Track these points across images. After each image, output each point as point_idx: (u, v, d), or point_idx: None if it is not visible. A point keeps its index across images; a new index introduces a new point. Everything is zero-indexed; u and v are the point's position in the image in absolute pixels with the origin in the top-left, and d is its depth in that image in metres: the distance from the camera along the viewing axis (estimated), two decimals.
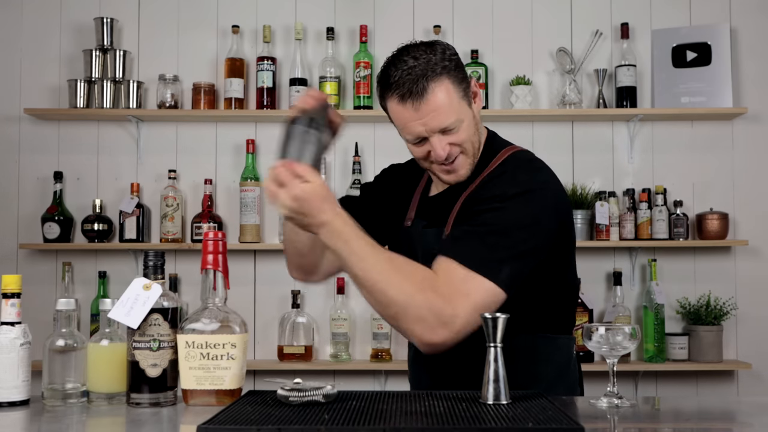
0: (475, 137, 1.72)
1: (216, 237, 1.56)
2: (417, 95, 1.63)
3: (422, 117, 1.64)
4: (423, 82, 1.63)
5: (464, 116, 1.68)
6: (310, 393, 1.37)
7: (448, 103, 1.64)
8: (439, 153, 1.66)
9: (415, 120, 1.65)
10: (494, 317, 1.39)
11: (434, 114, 1.64)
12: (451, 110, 1.65)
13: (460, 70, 1.69)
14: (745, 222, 3.54)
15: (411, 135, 1.68)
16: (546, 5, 3.61)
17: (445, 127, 1.65)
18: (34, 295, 3.36)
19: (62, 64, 3.58)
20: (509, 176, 1.68)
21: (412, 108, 1.64)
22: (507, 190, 1.64)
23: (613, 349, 1.48)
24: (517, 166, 1.72)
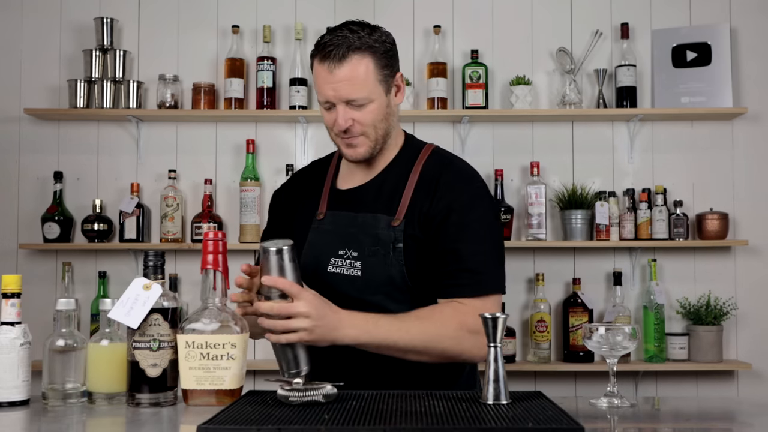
0: (381, 124, 1.79)
1: (216, 237, 1.56)
2: (335, 59, 1.73)
3: (334, 82, 1.73)
4: (345, 50, 1.73)
5: (375, 97, 1.76)
6: (310, 393, 1.37)
7: (363, 78, 1.74)
8: (340, 122, 1.75)
9: (328, 83, 1.74)
10: (494, 317, 1.40)
11: (345, 83, 1.73)
12: (362, 86, 1.74)
13: (389, 58, 1.79)
14: (745, 222, 3.54)
15: (322, 97, 1.77)
16: (546, 5, 3.61)
17: (352, 99, 1.74)
18: (34, 295, 3.36)
19: (62, 64, 3.58)
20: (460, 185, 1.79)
21: (328, 70, 1.74)
22: (473, 208, 1.77)
23: (613, 349, 1.48)
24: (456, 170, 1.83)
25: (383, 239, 1.76)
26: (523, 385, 3.39)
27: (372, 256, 1.76)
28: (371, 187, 1.85)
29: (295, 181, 2.01)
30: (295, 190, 1.97)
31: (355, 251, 1.78)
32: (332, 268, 1.79)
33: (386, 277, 1.75)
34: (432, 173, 1.81)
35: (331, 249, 1.80)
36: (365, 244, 1.77)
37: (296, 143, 3.57)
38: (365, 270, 1.76)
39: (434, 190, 1.78)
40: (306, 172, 2.02)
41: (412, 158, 1.85)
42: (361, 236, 1.78)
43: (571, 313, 3.41)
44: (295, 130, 3.58)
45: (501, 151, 3.56)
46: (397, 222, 1.77)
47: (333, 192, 1.89)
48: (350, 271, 1.78)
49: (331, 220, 1.84)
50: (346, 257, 1.78)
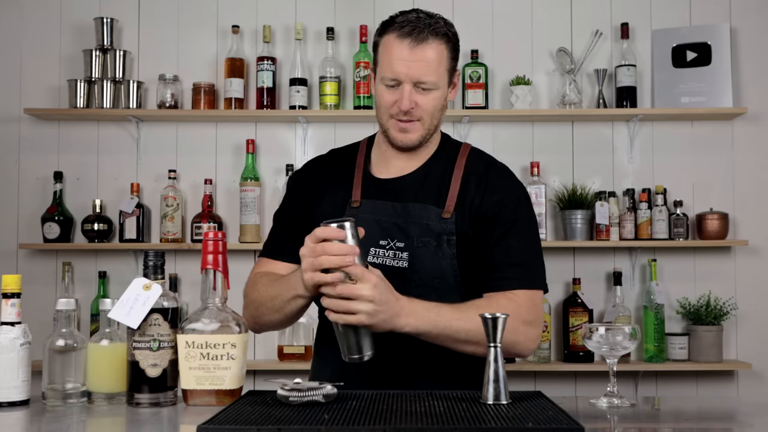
0: (437, 114, 1.78)
1: (216, 237, 1.56)
2: (418, 39, 1.71)
3: (410, 60, 1.71)
4: (428, 32, 1.72)
5: (441, 86, 1.76)
6: (310, 393, 1.37)
7: (437, 63, 1.73)
8: (404, 102, 1.72)
9: (403, 59, 1.71)
10: (494, 317, 1.40)
11: (422, 63, 1.71)
12: (436, 71, 1.73)
13: (456, 52, 1.79)
14: (745, 222, 3.54)
15: (391, 73, 1.73)
16: (546, 5, 3.61)
17: (424, 81, 1.72)
18: (34, 295, 3.36)
19: (62, 64, 3.58)
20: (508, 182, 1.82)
21: (408, 47, 1.71)
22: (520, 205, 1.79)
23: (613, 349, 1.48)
24: (501, 168, 1.85)
25: (435, 231, 1.73)
26: (523, 385, 3.39)
27: (423, 247, 1.73)
28: (415, 178, 1.81)
29: (314, 167, 1.94)
30: (317, 176, 1.90)
31: (401, 242, 1.74)
32: (373, 258, 1.74)
33: (437, 270, 1.73)
34: (478, 169, 1.81)
35: (371, 238, 1.73)
36: (414, 235, 1.73)
37: (296, 143, 3.57)
38: (414, 261, 1.72)
39: (485, 186, 1.78)
40: (326, 159, 1.95)
41: (452, 153, 1.85)
42: (410, 227, 1.74)
43: (571, 313, 3.41)
44: (295, 130, 3.58)
45: (501, 151, 3.55)
46: (447, 215, 1.74)
47: (368, 180, 1.83)
48: (395, 262, 1.73)
49: (370, 209, 1.78)
50: (390, 247, 1.74)
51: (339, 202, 1.82)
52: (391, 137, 1.79)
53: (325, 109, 3.47)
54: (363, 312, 1.52)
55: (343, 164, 1.89)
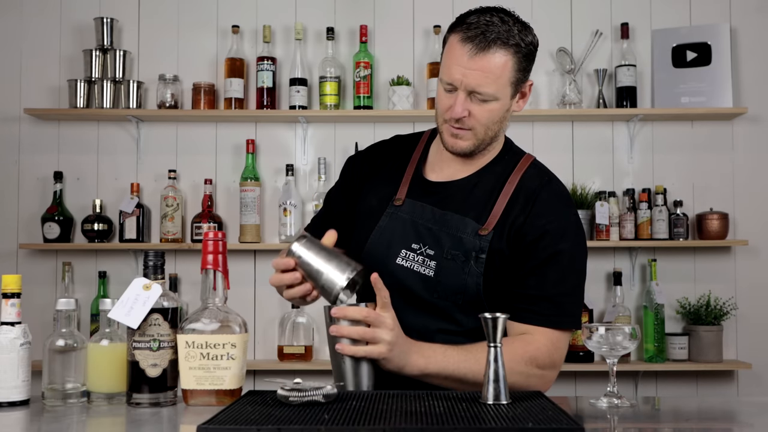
0: (494, 126, 1.68)
1: (216, 237, 1.56)
2: (479, 46, 1.60)
3: (468, 67, 1.61)
4: (492, 40, 1.61)
5: (502, 97, 1.65)
6: (310, 393, 1.37)
7: (498, 75, 1.62)
8: (456, 109, 1.63)
9: (461, 65, 1.62)
10: (494, 317, 1.39)
11: (480, 73, 1.61)
12: (495, 82, 1.62)
13: (528, 62, 1.67)
14: (745, 222, 3.54)
15: (448, 77, 1.64)
16: (546, 5, 3.61)
17: (479, 92, 1.62)
18: (34, 295, 3.36)
19: (62, 64, 3.58)
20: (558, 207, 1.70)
21: (467, 54, 1.61)
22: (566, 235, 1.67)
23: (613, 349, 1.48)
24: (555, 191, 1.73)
25: (467, 246, 1.66)
26: None
27: (451, 259, 1.66)
28: (463, 186, 1.73)
29: (375, 154, 1.87)
30: (371, 165, 1.84)
31: (432, 249, 1.68)
32: (402, 260, 1.69)
33: (460, 285, 1.65)
34: (530, 187, 1.70)
35: (404, 240, 1.69)
36: (445, 245, 1.67)
37: (296, 143, 3.57)
38: (440, 272, 1.66)
39: (531, 206, 1.67)
40: (388, 147, 1.87)
41: (510, 165, 1.75)
42: (444, 236, 1.68)
43: None
44: (295, 130, 3.58)
45: None
46: (485, 231, 1.66)
47: (417, 179, 1.77)
48: (422, 268, 1.67)
49: (410, 210, 1.72)
50: (420, 253, 1.68)
51: (384, 197, 1.77)
52: (443, 141, 1.71)
53: (325, 109, 3.47)
54: (385, 341, 1.51)
55: (399, 156, 1.82)
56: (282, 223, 3.43)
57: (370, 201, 1.78)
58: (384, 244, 1.71)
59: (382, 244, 1.71)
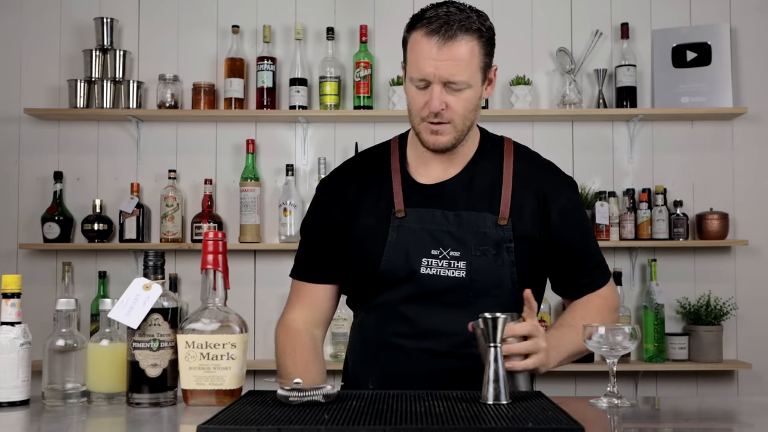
0: (470, 114, 1.69)
1: (216, 237, 1.56)
2: (446, 36, 1.61)
3: (439, 59, 1.62)
4: (457, 29, 1.62)
5: (474, 84, 1.66)
6: (310, 393, 1.37)
7: (468, 61, 1.63)
8: (434, 103, 1.63)
9: (431, 58, 1.62)
10: (494, 317, 1.39)
11: (451, 62, 1.62)
12: (467, 69, 1.63)
13: (491, 46, 1.69)
14: (745, 222, 3.54)
15: (419, 74, 1.64)
16: (546, 5, 3.61)
17: (453, 81, 1.63)
18: (34, 295, 3.36)
19: (62, 64, 3.58)
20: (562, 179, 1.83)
21: (435, 45, 1.62)
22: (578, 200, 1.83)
23: (613, 349, 1.48)
24: (549, 167, 1.85)
25: (494, 238, 1.68)
26: None
27: (482, 255, 1.67)
28: (460, 183, 1.74)
29: (345, 176, 1.83)
30: (350, 186, 1.79)
31: (456, 250, 1.67)
32: (426, 269, 1.67)
33: (496, 279, 1.68)
34: (528, 170, 1.77)
35: (422, 248, 1.68)
36: (471, 243, 1.67)
37: (296, 143, 3.57)
38: (472, 271, 1.67)
39: (544, 192, 1.74)
40: (356, 164, 1.85)
41: (496, 152, 1.79)
42: (467, 234, 1.68)
43: None
44: (295, 130, 3.58)
45: None
46: (504, 221, 1.69)
47: (409, 186, 1.75)
48: (451, 271, 1.67)
49: (418, 218, 1.71)
50: (443, 257, 1.68)
51: (381, 212, 1.74)
52: (422, 140, 1.71)
53: (325, 109, 3.47)
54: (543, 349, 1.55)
55: (376, 169, 1.79)
56: (282, 223, 3.43)
57: (366, 222, 1.75)
58: (401, 258, 1.69)
59: (399, 259, 1.69)
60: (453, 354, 1.66)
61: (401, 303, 1.69)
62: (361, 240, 1.74)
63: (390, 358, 1.70)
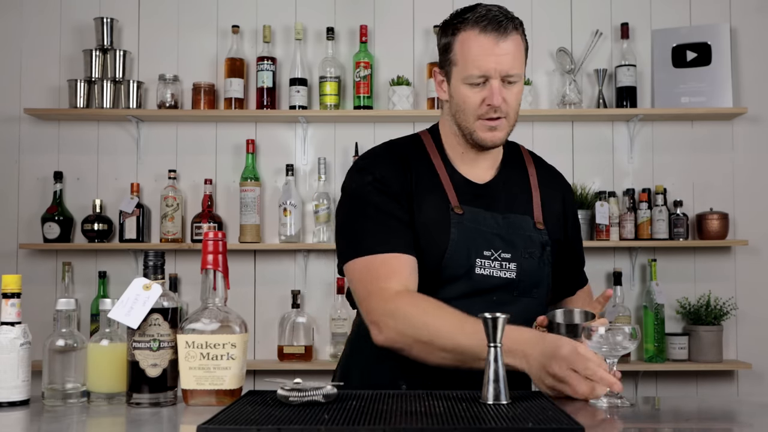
0: (518, 109, 1.76)
1: (216, 237, 1.56)
2: (502, 30, 1.67)
3: (499, 54, 1.67)
4: (509, 24, 1.69)
5: (522, 78, 1.74)
6: (310, 393, 1.37)
7: (520, 54, 1.72)
8: (497, 98, 1.67)
9: (490, 54, 1.66)
10: (494, 317, 1.39)
11: (509, 56, 1.68)
12: (520, 62, 1.71)
13: (526, 47, 1.77)
14: (745, 222, 3.54)
15: (479, 70, 1.67)
16: (546, 5, 3.61)
17: (512, 74, 1.69)
18: (34, 295, 3.36)
19: (62, 64, 3.58)
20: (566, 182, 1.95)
21: (493, 41, 1.67)
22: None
23: (613, 349, 1.48)
24: (554, 170, 1.95)
25: (537, 242, 1.76)
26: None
27: (529, 257, 1.73)
28: (500, 185, 1.80)
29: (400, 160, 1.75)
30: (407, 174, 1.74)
31: (507, 252, 1.71)
32: (480, 269, 1.69)
33: (538, 280, 1.75)
34: (545, 174, 1.87)
35: (477, 249, 1.70)
36: (519, 246, 1.73)
37: (296, 143, 3.57)
38: (521, 272, 1.72)
39: (560, 193, 1.87)
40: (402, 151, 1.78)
41: (517, 157, 1.88)
42: (515, 237, 1.73)
43: None
44: (295, 130, 3.58)
45: None
46: (541, 225, 1.78)
47: (460, 183, 1.75)
48: (503, 272, 1.71)
49: (473, 218, 1.72)
50: (494, 258, 1.70)
51: (439, 206, 1.72)
52: (479, 139, 1.72)
53: (325, 109, 3.47)
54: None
55: (423, 161, 1.76)
56: (282, 223, 3.43)
57: (430, 213, 1.71)
58: (463, 256, 1.69)
59: (461, 257, 1.69)
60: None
61: (455, 300, 1.64)
62: (426, 232, 1.70)
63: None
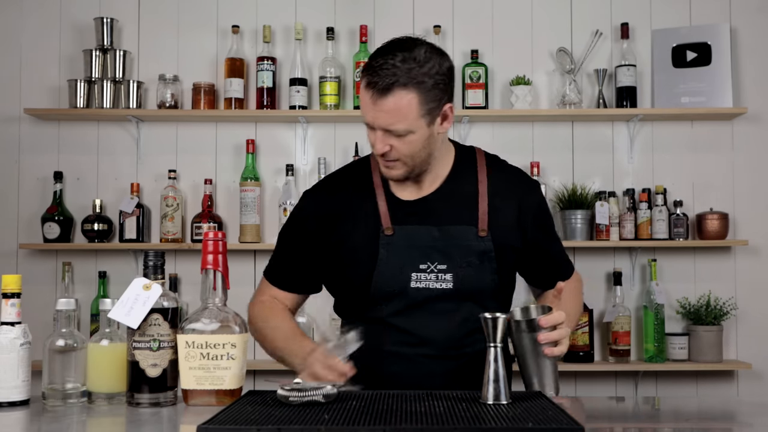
0: (422, 153, 1.75)
1: (216, 237, 1.56)
2: (380, 90, 1.67)
3: (375, 111, 1.70)
4: (391, 83, 1.67)
5: (417, 130, 1.71)
6: (310, 393, 1.37)
7: (405, 113, 1.68)
8: (377, 146, 1.73)
9: (369, 109, 1.71)
10: (494, 317, 1.40)
11: (386, 114, 1.69)
12: (403, 119, 1.69)
13: (438, 91, 1.71)
14: (745, 222, 3.54)
15: (364, 119, 1.74)
16: (546, 5, 3.61)
17: (391, 130, 1.70)
18: (34, 295, 3.36)
19: (62, 64, 3.58)
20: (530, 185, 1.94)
21: (371, 98, 1.69)
22: (544, 201, 1.96)
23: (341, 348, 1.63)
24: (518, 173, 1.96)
25: (476, 250, 1.78)
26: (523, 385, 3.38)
27: (467, 267, 1.77)
28: (440, 197, 1.83)
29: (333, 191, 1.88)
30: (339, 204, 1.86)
31: (442, 264, 1.77)
32: (416, 283, 1.77)
33: (479, 288, 1.79)
34: (501, 181, 1.87)
35: (411, 264, 1.77)
36: (456, 256, 1.77)
37: (296, 143, 3.57)
38: (458, 281, 1.77)
39: (518, 200, 1.86)
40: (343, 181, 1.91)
41: (471, 164, 1.87)
42: (452, 248, 1.78)
43: None
44: (295, 130, 3.58)
45: (501, 151, 3.49)
46: (483, 233, 1.79)
47: (394, 203, 1.83)
48: (440, 284, 1.77)
49: (404, 235, 1.79)
50: (430, 270, 1.77)
51: (369, 230, 1.80)
52: (381, 172, 1.81)
53: (325, 109, 3.47)
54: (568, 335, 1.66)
55: (360, 186, 1.86)
56: (282, 223, 3.43)
57: (355, 239, 1.81)
58: (394, 274, 1.77)
59: (391, 275, 1.77)
60: (447, 356, 1.77)
61: (394, 316, 1.78)
62: (352, 259, 1.82)
63: (392, 366, 1.78)
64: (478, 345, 1.68)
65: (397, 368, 1.77)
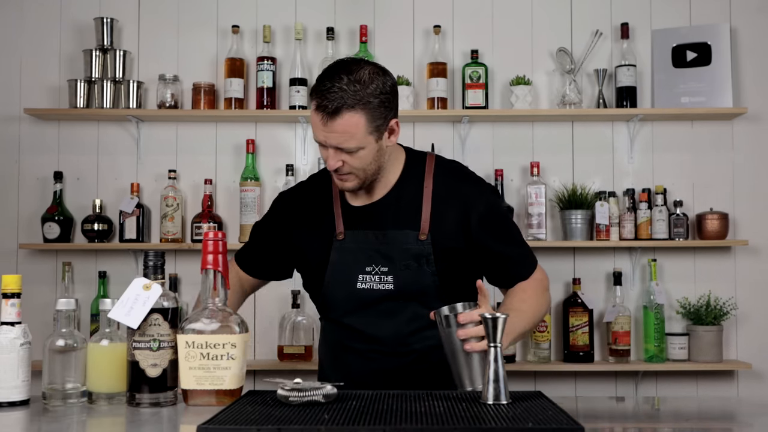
0: (372, 165, 1.86)
1: (216, 237, 1.56)
2: (329, 113, 1.79)
3: (326, 131, 1.81)
4: (340, 106, 1.78)
5: (366, 146, 1.82)
6: (310, 393, 1.38)
7: (354, 132, 1.80)
8: (330, 163, 1.84)
9: (320, 129, 1.82)
10: (494, 317, 1.40)
11: (336, 134, 1.80)
12: (352, 138, 1.80)
13: (384, 109, 1.82)
14: (745, 222, 3.54)
15: (316, 138, 1.86)
16: (546, 5, 3.61)
17: (342, 147, 1.81)
18: (34, 295, 3.36)
19: (62, 64, 3.58)
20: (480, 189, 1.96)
21: (322, 120, 1.81)
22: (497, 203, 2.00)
23: None
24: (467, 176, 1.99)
25: (415, 253, 1.88)
26: (523, 385, 3.39)
27: (405, 269, 1.88)
28: (388, 202, 1.93)
29: (302, 196, 2.07)
30: (303, 208, 2.04)
31: (385, 267, 1.89)
32: (362, 284, 1.90)
33: (419, 288, 1.89)
34: (447, 185, 1.93)
35: (358, 266, 1.90)
36: (396, 260, 1.89)
37: (296, 143, 3.57)
38: (398, 283, 1.88)
39: (464, 203, 1.91)
40: (310, 188, 2.08)
41: (419, 170, 1.95)
42: (392, 252, 1.89)
43: (571, 313, 3.41)
44: (295, 130, 3.58)
45: (501, 151, 3.56)
46: (423, 236, 1.88)
47: (347, 210, 1.96)
48: (382, 285, 1.89)
49: (354, 239, 1.92)
50: (375, 273, 1.90)
51: (324, 235, 1.95)
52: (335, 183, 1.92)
53: None
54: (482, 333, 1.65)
55: (321, 194, 2.02)
56: None
57: (311, 242, 1.98)
58: (343, 276, 1.92)
59: (341, 277, 1.92)
60: (397, 353, 1.90)
61: (346, 315, 1.93)
62: (307, 258, 1.99)
63: (351, 360, 1.95)
64: (427, 342, 1.87)
65: (354, 363, 1.93)
